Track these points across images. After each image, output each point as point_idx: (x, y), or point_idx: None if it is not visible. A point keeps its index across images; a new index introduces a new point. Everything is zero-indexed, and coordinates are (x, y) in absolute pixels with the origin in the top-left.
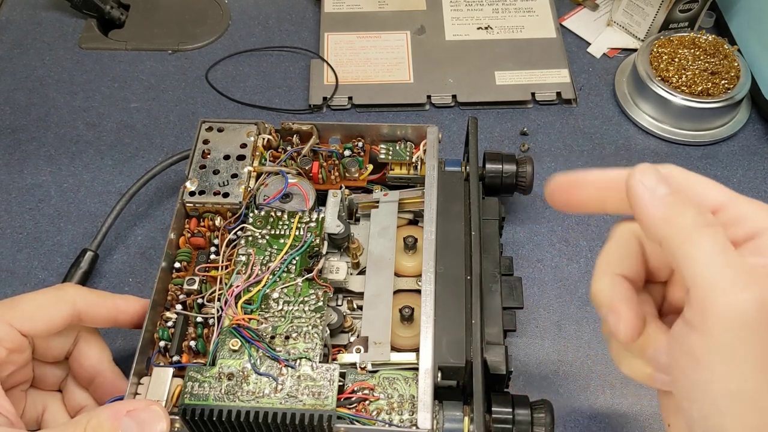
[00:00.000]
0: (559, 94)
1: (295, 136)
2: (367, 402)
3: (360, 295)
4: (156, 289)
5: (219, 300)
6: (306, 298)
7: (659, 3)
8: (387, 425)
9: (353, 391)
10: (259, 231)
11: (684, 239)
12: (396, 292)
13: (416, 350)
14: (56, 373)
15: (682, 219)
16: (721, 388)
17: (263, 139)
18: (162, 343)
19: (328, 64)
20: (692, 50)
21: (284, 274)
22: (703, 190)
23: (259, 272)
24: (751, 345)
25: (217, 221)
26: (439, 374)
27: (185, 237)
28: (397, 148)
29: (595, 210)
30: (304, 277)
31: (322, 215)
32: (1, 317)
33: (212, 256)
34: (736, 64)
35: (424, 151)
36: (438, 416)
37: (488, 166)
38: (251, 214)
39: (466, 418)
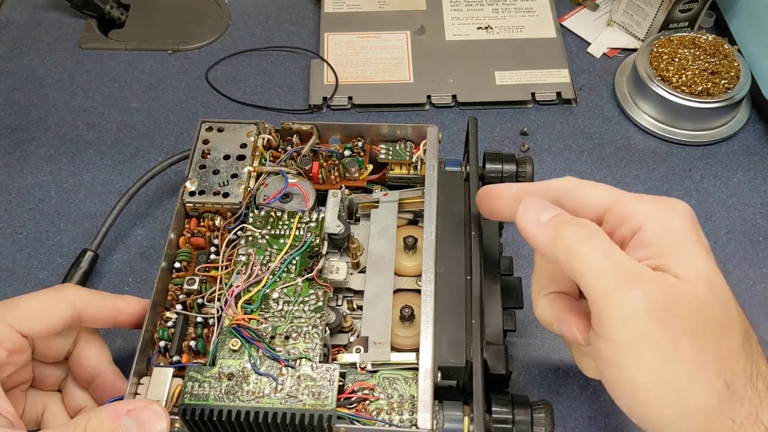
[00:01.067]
0: (559, 94)
1: (295, 136)
2: (367, 402)
3: (360, 292)
4: (156, 289)
5: (219, 300)
6: (306, 298)
7: (659, 3)
8: (387, 425)
9: (353, 391)
10: (259, 231)
11: (571, 255)
12: (396, 291)
13: (416, 350)
14: (56, 374)
15: (564, 238)
16: (633, 382)
17: (263, 139)
18: (162, 343)
19: (328, 64)
20: (692, 50)
21: (284, 274)
22: (592, 195)
23: (259, 272)
24: (647, 338)
25: (217, 221)
26: (439, 374)
27: (185, 237)
28: (397, 148)
29: (509, 219)
30: (304, 277)
31: (322, 215)
32: (1, 318)
33: (212, 256)
34: (736, 64)
35: (424, 151)
36: (438, 416)
37: (488, 166)
38: (251, 214)
39: (466, 418)
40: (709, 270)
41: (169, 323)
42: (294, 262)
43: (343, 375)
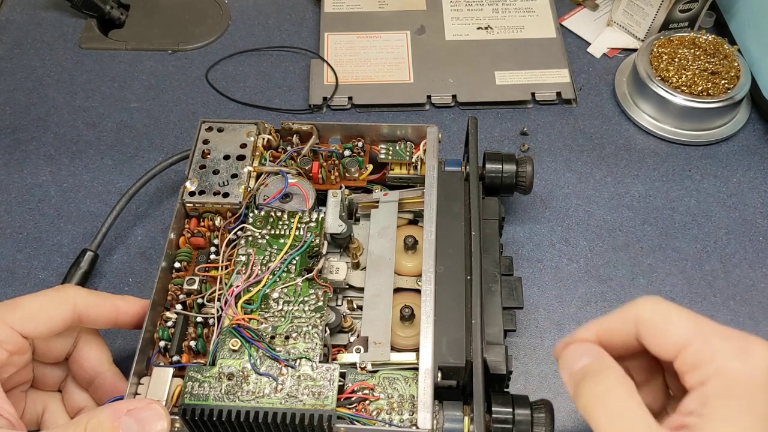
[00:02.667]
0: (559, 94)
1: (295, 136)
2: (367, 402)
3: (361, 290)
4: (156, 289)
5: (219, 300)
6: (306, 298)
7: (659, 3)
8: (387, 425)
9: (353, 391)
10: (259, 231)
11: (587, 414)
12: (396, 291)
13: (416, 350)
14: (56, 374)
15: (582, 395)
16: None
17: (263, 139)
18: (162, 343)
19: (328, 64)
20: (692, 50)
21: (284, 274)
22: (672, 329)
23: (259, 272)
24: None
25: (217, 221)
26: (439, 374)
27: (185, 237)
28: (397, 148)
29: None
30: (304, 277)
31: (322, 215)
32: (2, 319)
33: (212, 256)
34: (736, 64)
35: (424, 151)
36: (438, 416)
37: (488, 166)
38: (251, 214)
39: (466, 418)
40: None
41: (169, 323)
42: (294, 262)
43: (343, 375)
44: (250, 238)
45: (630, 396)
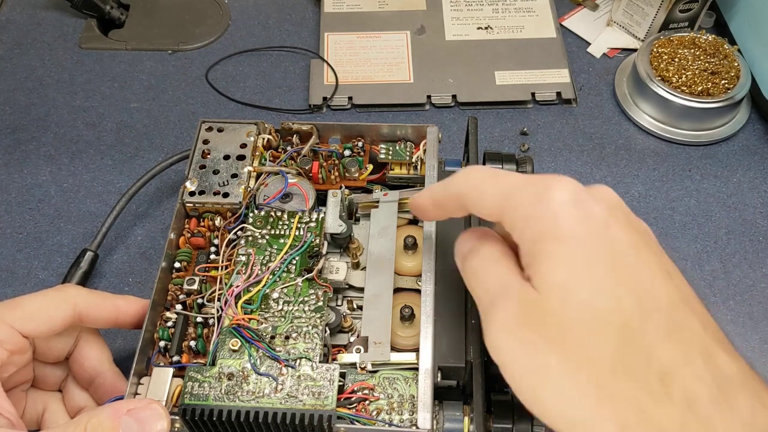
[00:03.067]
0: (559, 94)
1: (295, 136)
2: (367, 402)
3: (361, 290)
4: (156, 289)
5: (219, 300)
6: (306, 298)
7: (659, 3)
8: (387, 425)
9: (353, 391)
10: (259, 231)
11: (468, 286)
12: (396, 291)
13: (416, 350)
14: (57, 374)
15: (464, 272)
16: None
17: (263, 139)
18: (162, 343)
19: (328, 64)
20: (692, 50)
21: (284, 274)
22: (485, 199)
23: (259, 272)
24: (515, 359)
25: (217, 221)
26: (439, 374)
27: (185, 237)
28: (397, 148)
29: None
30: (304, 277)
31: (322, 215)
32: (2, 319)
33: (212, 256)
34: (736, 64)
35: (424, 151)
36: (438, 416)
37: (488, 165)
38: (251, 214)
39: (466, 418)
40: (567, 277)
41: (169, 323)
42: (294, 262)
43: (343, 375)
44: (250, 238)
45: (495, 261)
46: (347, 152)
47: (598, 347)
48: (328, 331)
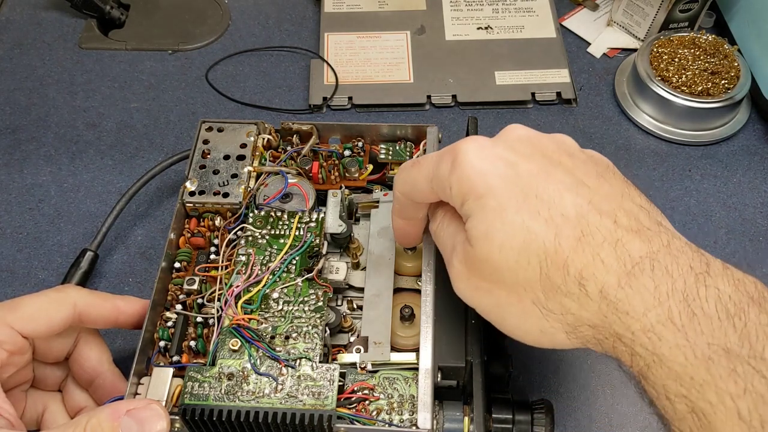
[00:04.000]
0: (559, 94)
1: (295, 136)
2: (367, 402)
3: (361, 290)
4: (156, 289)
5: (219, 300)
6: (306, 298)
7: (659, 3)
8: (387, 425)
9: (353, 391)
10: (259, 231)
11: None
12: (396, 291)
13: (416, 350)
14: (56, 374)
15: (431, 230)
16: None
17: (263, 139)
18: (162, 343)
19: (328, 64)
20: (692, 50)
21: (284, 274)
22: (417, 189)
23: (259, 272)
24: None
25: (217, 221)
26: (439, 374)
27: (185, 237)
28: (397, 148)
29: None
30: (304, 277)
31: (322, 215)
32: (2, 319)
33: (212, 256)
34: (736, 64)
35: (424, 151)
36: (438, 416)
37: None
38: (251, 214)
39: (466, 418)
40: (486, 228)
41: (169, 323)
42: (294, 262)
43: (343, 375)
44: (250, 238)
45: (448, 224)
46: (347, 152)
47: (527, 277)
48: (328, 331)
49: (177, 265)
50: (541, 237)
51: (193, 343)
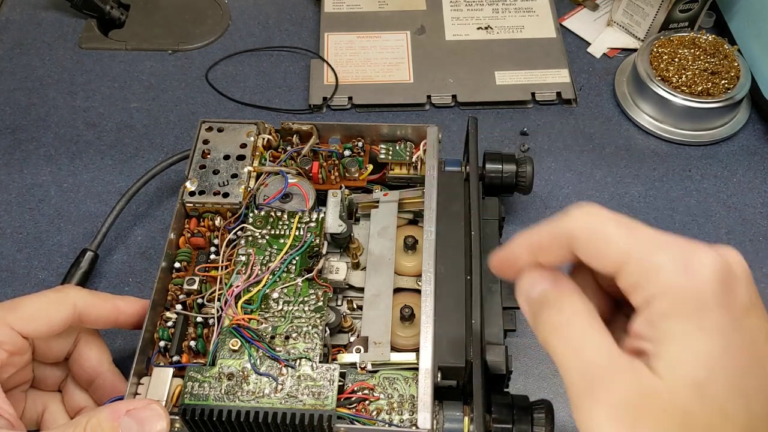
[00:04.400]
0: (559, 94)
1: (295, 136)
2: (367, 402)
3: (361, 290)
4: (156, 289)
5: (219, 300)
6: (306, 298)
7: (659, 3)
8: (387, 425)
9: (353, 391)
10: (259, 231)
11: (547, 347)
12: (396, 291)
13: (416, 350)
14: (56, 374)
15: (541, 325)
16: None
17: (263, 139)
18: (162, 343)
19: (328, 64)
20: (692, 50)
21: (284, 274)
22: (608, 247)
23: (259, 272)
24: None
25: (217, 221)
26: (439, 374)
27: (185, 237)
28: (397, 148)
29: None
30: (304, 277)
31: (322, 215)
32: (2, 320)
33: (212, 256)
34: (736, 64)
35: (424, 151)
36: (438, 416)
37: (488, 166)
38: (251, 214)
39: (466, 418)
40: (705, 374)
41: (169, 323)
42: (294, 262)
43: (343, 375)
44: (250, 238)
45: (590, 325)
46: (347, 152)
47: None
48: (328, 331)
49: (177, 265)
50: (755, 415)
51: (193, 343)
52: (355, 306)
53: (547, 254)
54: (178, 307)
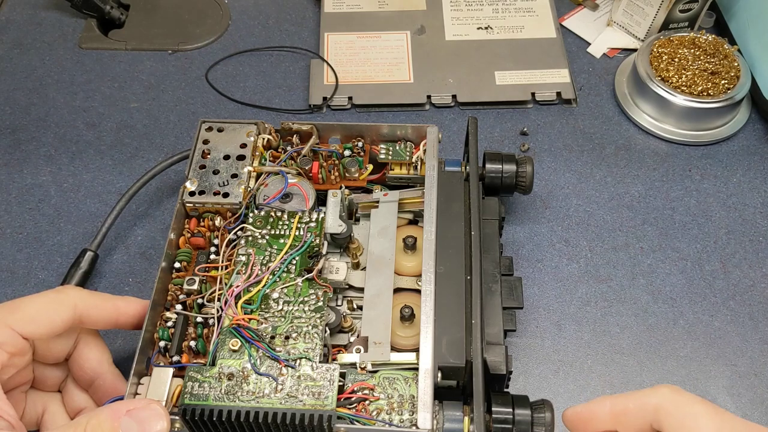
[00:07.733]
0: (559, 94)
1: (295, 136)
2: (367, 402)
3: (361, 290)
4: (156, 289)
5: (219, 300)
6: (306, 298)
7: (659, 3)
8: (387, 425)
9: (353, 391)
10: (259, 231)
11: None
12: (396, 291)
13: (416, 350)
14: (56, 375)
15: None
16: None
17: (263, 139)
18: (162, 343)
19: (328, 64)
20: (692, 50)
21: (284, 274)
22: (696, 425)
23: (259, 272)
24: None
25: (217, 221)
26: (439, 374)
27: (185, 237)
28: (397, 148)
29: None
30: (304, 277)
31: (322, 215)
32: (3, 321)
33: (212, 256)
34: (736, 64)
35: (424, 151)
36: (438, 416)
37: (488, 166)
38: (251, 214)
39: (466, 418)
40: None
41: (169, 323)
42: (294, 262)
43: (343, 375)
44: (250, 238)
45: None
46: (347, 152)
47: None
48: (328, 331)
49: (177, 265)
50: None
51: (193, 343)
52: (355, 306)
53: (627, 423)
54: (178, 307)
